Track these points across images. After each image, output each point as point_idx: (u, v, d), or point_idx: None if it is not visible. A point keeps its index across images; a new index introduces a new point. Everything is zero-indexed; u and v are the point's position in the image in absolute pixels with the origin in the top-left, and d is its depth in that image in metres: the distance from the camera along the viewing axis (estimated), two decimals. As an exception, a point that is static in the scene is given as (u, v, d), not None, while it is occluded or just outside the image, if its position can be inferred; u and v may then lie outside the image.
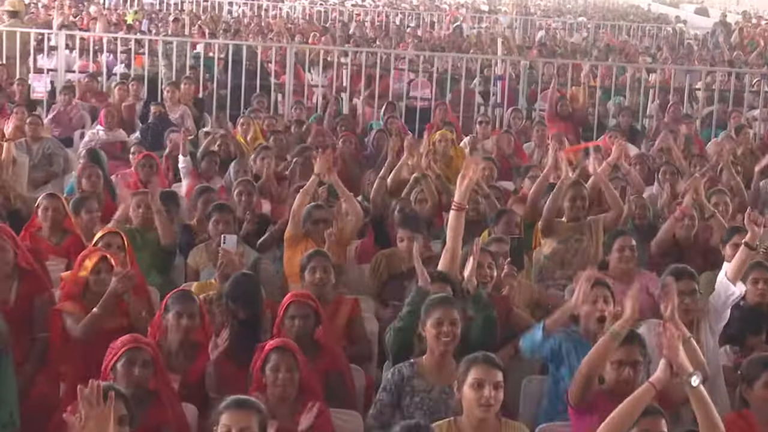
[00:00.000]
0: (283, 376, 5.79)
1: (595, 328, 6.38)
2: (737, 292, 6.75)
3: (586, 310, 6.43)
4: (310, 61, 17.72)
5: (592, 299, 6.42)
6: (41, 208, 8.53)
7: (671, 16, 42.66)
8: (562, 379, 6.36)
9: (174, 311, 6.45)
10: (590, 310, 6.43)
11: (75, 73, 17.17)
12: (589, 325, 6.44)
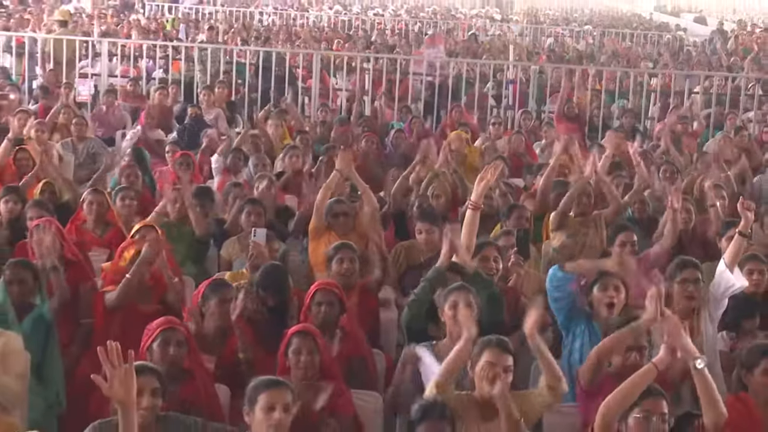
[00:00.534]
0: (304, 359, 5.79)
1: (604, 313, 6.38)
2: (737, 285, 6.72)
3: (597, 296, 6.45)
4: (334, 67, 17.77)
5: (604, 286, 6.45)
6: (86, 202, 8.59)
7: (672, 24, 42.49)
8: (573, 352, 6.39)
9: (217, 299, 6.46)
10: (601, 296, 6.44)
11: (117, 77, 17.21)
12: (600, 309, 6.44)
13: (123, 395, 4.41)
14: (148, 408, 5.02)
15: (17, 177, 9.77)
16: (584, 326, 6.45)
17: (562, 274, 6.44)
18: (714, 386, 5.04)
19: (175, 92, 15.72)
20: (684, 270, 6.64)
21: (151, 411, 5.05)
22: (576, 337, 6.44)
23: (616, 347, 5.71)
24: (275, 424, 4.85)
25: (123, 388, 4.40)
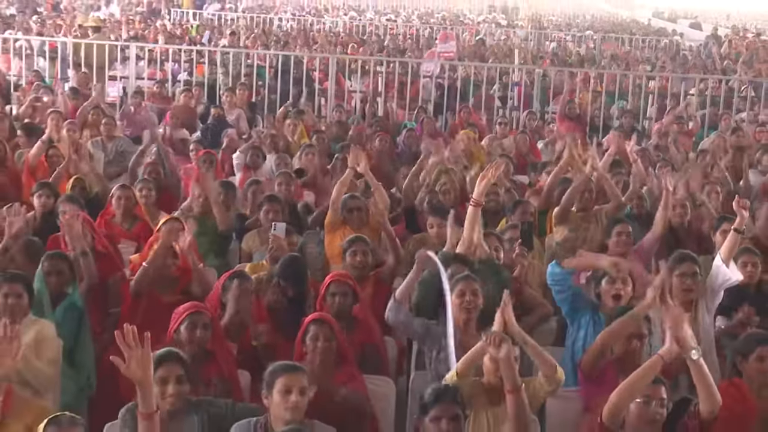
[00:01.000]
0: (321, 345, 5.82)
1: (611, 304, 6.37)
2: (733, 278, 6.71)
3: (605, 288, 6.43)
4: (349, 69, 17.73)
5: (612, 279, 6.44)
6: (114, 197, 8.62)
7: (669, 29, 42.40)
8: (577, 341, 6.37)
9: (234, 291, 6.45)
10: (608, 288, 6.42)
11: (144, 79, 17.23)
12: (607, 301, 6.43)
13: (140, 375, 4.44)
14: (174, 394, 5.05)
15: (49, 174, 9.78)
16: (590, 317, 6.43)
17: (560, 270, 6.43)
18: (709, 375, 5.02)
19: (198, 94, 15.74)
20: (682, 264, 6.64)
21: (177, 397, 5.07)
22: (581, 327, 6.42)
23: (619, 335, 5.68)
24: (292, 406, 4.85)
25: (140, 368, 4.43)
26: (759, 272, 7.26)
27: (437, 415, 4.84)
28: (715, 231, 7.98)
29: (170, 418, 5.08)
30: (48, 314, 6.46)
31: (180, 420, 5.11)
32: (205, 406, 5.21)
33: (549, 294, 7.64)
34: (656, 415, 4.99)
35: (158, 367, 5.04)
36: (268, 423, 4.92)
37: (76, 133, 11.25)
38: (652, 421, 4.96)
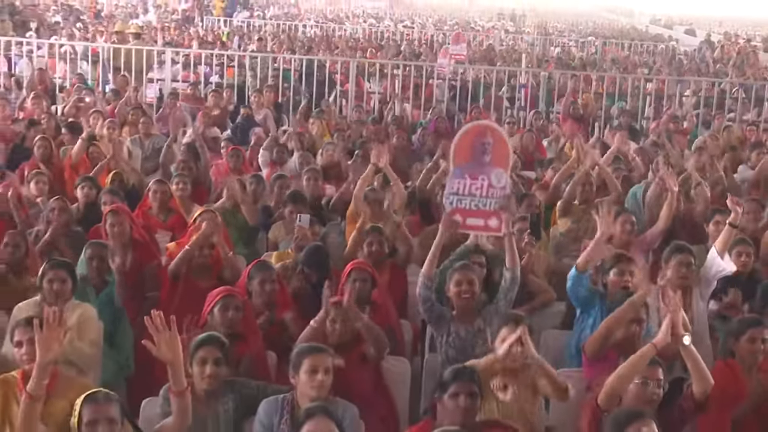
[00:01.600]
0: (339, 327, 5.82)
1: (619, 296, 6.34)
2: (727, 269, 6.69)
3: (613, 280, 6.40)
4: (368, 72, 17.71)
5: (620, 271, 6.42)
6: (151, 191, 8.64)
7: (665, 35, 42.28)
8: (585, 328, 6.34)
9: (258, 279, 6.45)
10: (617, 280, 6.39)
11: (179, 82, 17.25)
12: (615, 291, 6.38)
13: (170, 356, 4.49)
14: (211, 375, 5.07)
15: (90, 169, 9.83)
16: (598, 306, 6.40)
17: (576, 274, 6.36)
18: (700, 359, 5.01)
19: (229, 95, 15.77)
20: (678, 254, 6.62)
21: (214, 378, 5.08)
22: (589, 315, 6.40)
23: (621, 321, 5.67)
24: (318, 385, 4.86)
25: (169, 349, 4.46)
26: (751, 261, 7.25)
27: (456, 391, 4.82)
28: (708, 222, 7.97)
29: (207, 397, 5.10)
30: (91, 298, 6.49)
31: (215, 399, 5.13)
32: (239, 387, 5.23)
33: (553, 281, 7.66)
34: (653, 396, 4.97)
35: (199, 349, 5.07)
36: (294, 400, 4.93)
37: (116, 131, 11.27)
38: (650, 401, 4.95)
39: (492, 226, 6.70)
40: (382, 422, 5.60)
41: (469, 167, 6.66)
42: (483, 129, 6.84)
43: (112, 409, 4.34)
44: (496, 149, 6.68)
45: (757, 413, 5.28)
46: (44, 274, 6.17)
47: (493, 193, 6.64)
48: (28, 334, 5.00)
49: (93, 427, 4.29)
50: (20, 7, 29.77)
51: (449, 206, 6.64)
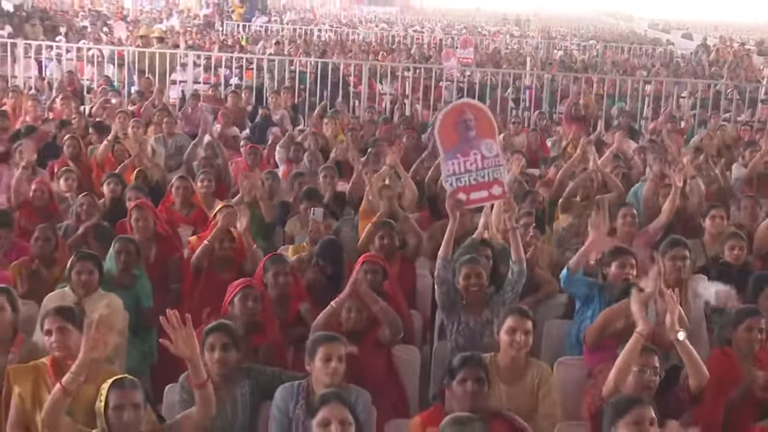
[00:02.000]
0: (354, 316, 5.83)
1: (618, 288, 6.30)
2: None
3: (614, 272, 6.38)
4: (380, 75, 17.70)
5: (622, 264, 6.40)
6: (174, 187, 8.66)
7: (663, 39, 42.19)
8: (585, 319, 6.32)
9: (272, 271, 6.45)
10: (618, 272, 6.37)
11: (200, 83, 17.28)
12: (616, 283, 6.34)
13: (188, 353, 4.48)
14: (219, 359, 5.08)
15: (116, 167, 9.85)
16: (597, 297, 6.38)
17: (568, 275, 6.34)
18: (696, 354, 4.98)
19: (247, 96, 15.79)
20: (674, 248, 6.61)
21: (223, 362, 5.09)
22: (589, 307, 6.38)
23: (620, 314, 5.60)
24: (332, 372, 4.87)
25: (186, 346, 4.45)
26: (744, 254, 7.22)
27: (464, 377, 4.81)
28: (705, 217, 7.95)
29: (223, 383, 5.11)
30: (116, 289, 6.50)
31: (232, 384, 5.15)
32: (255, 374, 5.24)
33: (556, 273, 7.64)
34: (650, 383, 4.95)
35: (208, 336, 5.09)
36: (310, 386, 4.94)
37: (140, 130, 11.30)
38: (647, 387, 4.93)
39: (495, 193, 6.76)
40: (393, 408, 5.60)
41: (459, 147, 6.64)
42: (460, 107, 6.84)
43: (137, 395, 4.36)
44: (479, 122, 6.68)
45: (750, 403, 5.25)
46: (72, 266, 6.20)
47: (487, 164, 6.64)
48: (57, 323, 5.04)
49: (119, 412, 4.31)
50: (50, 12, 29.89)
51: (449, 188, 6.63)
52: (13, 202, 8.45)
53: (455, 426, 4.25)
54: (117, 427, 4.28)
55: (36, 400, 4.90)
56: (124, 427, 4.29)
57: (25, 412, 4.88)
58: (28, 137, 10.54)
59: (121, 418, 4.30)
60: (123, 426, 4.29)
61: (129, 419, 4.30)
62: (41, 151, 10.10)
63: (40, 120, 12.45)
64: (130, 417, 4.30)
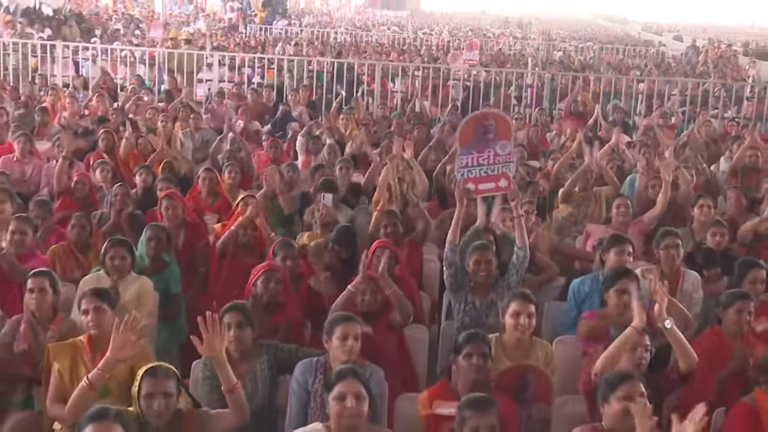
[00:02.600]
0: (368, 298, 5.83)
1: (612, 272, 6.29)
2: None
3: (613, 259, 6.35)
4: (392, 74, 17.68)
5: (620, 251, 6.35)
6: (201, 178, 8.65)
7: (655, 41, 42.02)
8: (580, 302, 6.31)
9: (281, 255, 6.48)
10: (616, 259, 6.34)
11: (225, 82, 17.29)
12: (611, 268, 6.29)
13: (213, 353, 4.46)
14: (236, 337, 5.08)
15: (143, 159, 9.87)
16: (591, 279, 6.40)
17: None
18: (684, 340, 4.92)
19: (269, 94, 15.79)
20: (666, 238, 6.57)
21: (239, 340, 5.09)
22: (584, 285, 6.39)
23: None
24: (348, 350, 4.86)
25: (211, 349, 4.43)
26: (726, 241, 7.22)
27: (469, 352, 4.81)
28: (693, 206, 7.95)
29: (242, 359, 5.11)
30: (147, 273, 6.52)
31: (252, 360, 5.15)
32: (274, 350, 5.24)
33: (556, 258, 7.64)
34: (641, 360, 4.92)
35: (224, 316, 5.08)
36: (327, 362, 4.94)
37: (169, 124, 11.31)
38: (638, 365, 4.89)
39: (502, 186, 6.86)
40: (404, 383, 5.60)
41: (475, 144, 6.73)
42: (484, 115, 6.98)
43: (169, 384, 4.32)
44: (498, 127, 6.79)
45: (738, 380, 5.24)
46: (106, 251, 6.21)
47: (499, 160, 6.76)
48: (93, 304, 5.06)
49: (150, 400, 4.28)
50: (86, 16, 29.90)
51: (460, 178, 6.69)
52: (54, 190, 8.50)
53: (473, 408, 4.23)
54: (148, 413, 4.27)
55: (73, 375, 4.91)
56: (155, 414, 4.27)
57: (63, 386, 4.89)
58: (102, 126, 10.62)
59: (152, 406, 4.27)
60: (154, 413, 4.26)
61: (159, 408, 4.26)
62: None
63: (78, 116, 12.48)
64: (160, 405, 4.27)
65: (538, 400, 5.11)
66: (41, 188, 9.17)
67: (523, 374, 5.17)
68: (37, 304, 5.38)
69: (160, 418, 4.27)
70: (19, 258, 6.31)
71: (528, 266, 6.47)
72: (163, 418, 4.28)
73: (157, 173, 9.09)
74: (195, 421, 4.38)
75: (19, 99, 13.75)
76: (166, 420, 4.28)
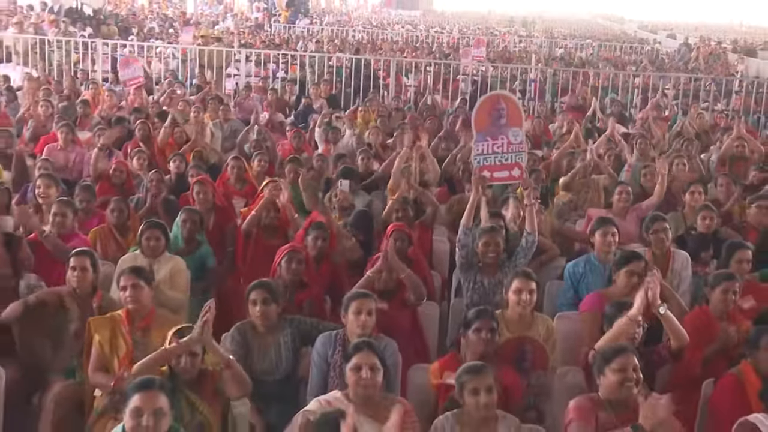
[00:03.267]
0: (399, 244, 5.98)
1: (603, 254, 6.29)
2: None
3: (599, 240, 6.34)
4: (406, 69, 17.64)
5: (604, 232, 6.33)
6: (230, 165, 8.68)
7: (650, 39, 41.72)
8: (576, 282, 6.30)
9: (313, 235, 6.47)
10: (602, 240, 6.32)
11: (251, 77, 17.29)
12: (601, 250, 6.32)
13: (201, 339, 4.42)
14: (261, 313, 5.10)
15: (177, 148, 9.89)
16: (584, 261, 6.38)
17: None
18: (676, 321, 4.89)
19: (291, 88, 15.79)
20: (656, 223, 6.54)
21: (265, 315, 5.10)
22: (578, 266, 6.37)
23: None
24: (362, 324, 4.87)
25: (200, 337, 4.41)
26: (715, 224, 7.18)
27: (479, 327, 4.82)
28: (684, 192, 7.92)
29: (268, 332, 5.14)
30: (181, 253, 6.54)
31: (277, 332, 5.16)
32: (296, 323, 5.24)
33: (556, 240, 7.63)
34: (635, 334, 4.90)
35: (250, 293, 5.11)
36: (345, 335, 4.95)
37: (200, 115, 11.31)
38: (632, 339, 4.87)
39: (515, 175, 6.87)
40: (417, 354, 5.60)
41: (489, 131, 6.73)
42: (496, 98, 6.97)
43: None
44: (509, 112, 6.78)
45: (725, 354, 5.22)
46: (142, 233, 6.24)
47: (512, 149, 6.77)
48: (131, 281, 5.09)
49: (179, 358, 4.41)
50: (124, 15, 29.93)
51: (477, 165, 6.70)
52: (92, 177, 8.54)
53: (471, 373, 4.24)
54: (177, 369, 4.40)
55: (112, 346, 4.95)
56: (183, 371, 4.39)
57: (103, 357, 4.93)
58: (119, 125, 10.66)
59: (179, 363, 4.40)
60: (181, 369, 4.39)
61: (186, 365, 4.39)
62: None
63: (115, 108, 12.50)
64: (187, 363, 4.40)
65: (537, 369, 5.13)
66: (83, 175, 9.20)
67: (522, 345, 5.18)
68: (78, 281, 5.41)
69: (187, 374, 4.39)
70: (62, 238, 6.34)
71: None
72: (190, 374, 4.40)
73: (189, 161, 9.10)
74: (216, 380, 4.46)
75: (63, 92, 13.79)
76: (192, 376, 4.41)
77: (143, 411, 3.69)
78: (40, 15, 23.72)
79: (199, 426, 4.30)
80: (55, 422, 4.91)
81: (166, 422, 3.75)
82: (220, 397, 4.44)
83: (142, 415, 3.69)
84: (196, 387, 4.39)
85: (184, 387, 4.36)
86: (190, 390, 4.36)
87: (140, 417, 3.69)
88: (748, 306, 5.64)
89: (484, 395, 4.15)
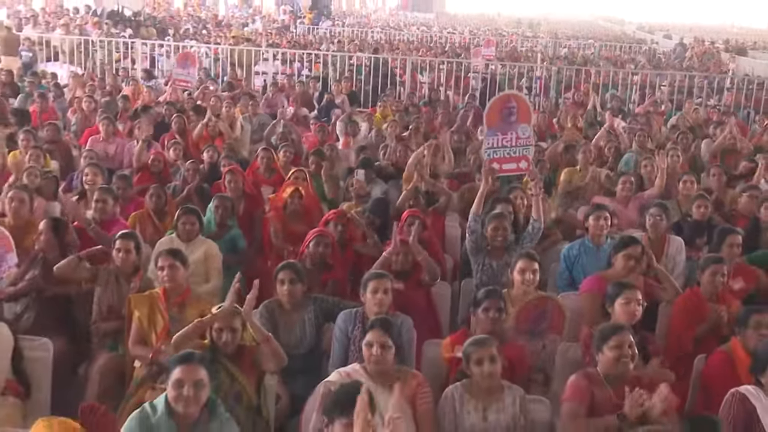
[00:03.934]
0: (415, 228, 5.91)
1: (597, 238, 6.27)
2: None
3: (592, 224, 6.32)
4: (420, 67, 17.61)
5: (597, 216, 6.31)
6: (259, 156, 8.68)
7: (648, 39, 41.41)
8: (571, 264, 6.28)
9: (333, 222, 6.49)
10: (595, 224, 6.31)
11: (278, 74, 17.30)
12: (595, 234, 6.31)
13: (246, 315, 4.43)
14: (288, 292, 5.12)
15: (210, 140, 9.91)
16: (578, 245, 6.38)
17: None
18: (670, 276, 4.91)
19: (315, 84, 15.79)
20: (652, 209, 6.57)
21: (291, 294, 5.13)
22: (573, 249, 6.37)
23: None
24: (378, 302, 4.88)
25: (224, 314, 4.44)
26: (709, 212, 7.15)
27: (487, 306, 4.82)
28: (679, 181, 7.91)
29: (294, 309, 5.17)
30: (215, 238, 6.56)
31: (302, 310, 5.19)
32: (320, 302, 5.26)
33: (560, 226, 7.60)
34: (635, 311, 4.90)
35: (278, 273, 5.14)
36: (364, 313, 4.96)
37: (232, 110, 11.31)
38: (633, 317, 4.88)
39: (522, 167, 6.97)
40: (430, 331, 5.60)
41: (500, 127, 6.74)
42: (507, 97, 6.98)
43: (236, 320, 4.43)
44: (520, 110, 6.79)
45: (714, 333, 5.21)
46: (178, 218, 6.27)
47: (520, 143, 6.79)
48: (168, 261, 5.12)
49: (220, 333, 4.41)
50: (161, 17, 29.98)
51: (487, 158, 6.71)
52: (135, 167, 8.58)
53: (475, 345, 4.26)
54: (218, 343, 4.41)
55: (151, 321, 4.99)
56: (223, 345, 4.40)
57: (143, 331, 4.97)
58: (145, 115, 10.69)
59: (221, 338, 4.41)
60: (222, 344, 4.40)
61: (227, 339, 4.40)
62: (155, 127, 10.20)
63: (153, 103, 12.53)
64: (227, 338, 4.40)
65: (553, 332, 5.12)
66: (123, 165, 9.25)
67: (543, 305, 5.18)
68: (122, 261, 5.45)
69: (227, 348, 4.40)
70: (104, 223, 6.39)
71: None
72: (230, 348, 4.41)
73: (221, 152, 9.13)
74: (254, 355, 4.47)
75: (105, 88, 13.83)
76: (232, 349, 4.42)
77: (184, 382, 3.72)
78: (84, 17, 23.84)
79: (237, 395, 4.33)
80: (100, 391, 4.95)
81: (205, 393, 3.78)
82: (256, 370, 4.46)
83: (183, 386, 3.72)
84: (236, 360, 4.41)
85: (224, 360, 4.38)
86: (230, 362, 4.39)
87: (181, 388, 3.72)
88: (738, 287, 5.64)
89: (487, 364, 4.17)
